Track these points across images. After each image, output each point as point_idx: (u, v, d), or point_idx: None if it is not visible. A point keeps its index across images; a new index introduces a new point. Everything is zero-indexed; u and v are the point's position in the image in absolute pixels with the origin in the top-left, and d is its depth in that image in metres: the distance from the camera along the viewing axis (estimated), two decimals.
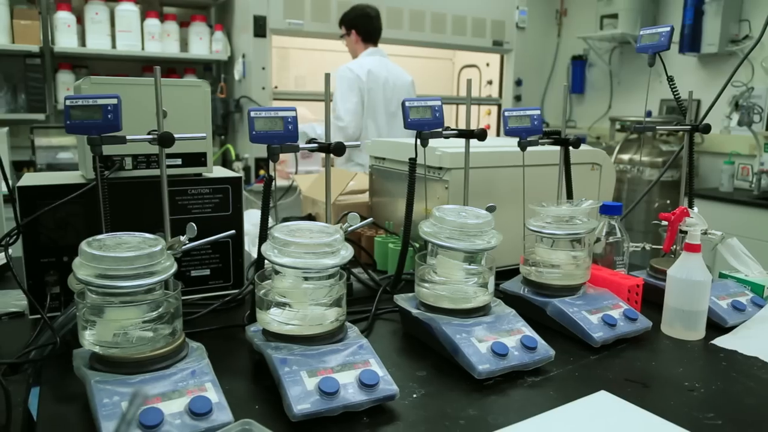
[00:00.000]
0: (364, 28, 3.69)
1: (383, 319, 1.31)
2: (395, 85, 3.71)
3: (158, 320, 0.90)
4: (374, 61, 3.67)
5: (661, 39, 1.40)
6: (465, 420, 0.89)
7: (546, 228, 1.27)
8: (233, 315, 1.33)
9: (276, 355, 0.92)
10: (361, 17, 3.69)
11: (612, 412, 0.92)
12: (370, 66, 3.62)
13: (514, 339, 1.07)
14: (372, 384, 0.89)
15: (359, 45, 3.72)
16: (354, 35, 3.70)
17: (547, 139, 1.37)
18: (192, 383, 0.85)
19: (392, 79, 3.70)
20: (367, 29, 3.69)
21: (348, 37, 3.73)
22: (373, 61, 3.66)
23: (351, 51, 3.80)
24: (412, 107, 1.17)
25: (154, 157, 1.30)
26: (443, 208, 1.14)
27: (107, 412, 0.78)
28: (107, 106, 0.93)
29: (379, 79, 3.63)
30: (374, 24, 3.71)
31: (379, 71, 3.64)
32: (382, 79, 3.65)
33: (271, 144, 1.00)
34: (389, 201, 1.79)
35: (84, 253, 0.86)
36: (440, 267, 1.13)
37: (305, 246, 0.94)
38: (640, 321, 1.23)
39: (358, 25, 3.68)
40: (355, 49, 3.75)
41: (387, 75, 3.69)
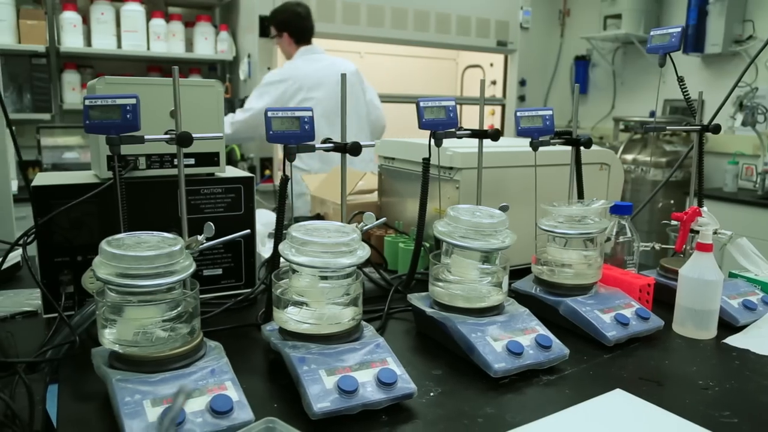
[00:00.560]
0: (296, 29, 3.51)
1: (396, 319, 1.32)
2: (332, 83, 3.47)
3: (177, 319, 0.91)
4: (306, 62, 3.49)
5: (671, 39, 1.41)
6: (483, 418, 0.90)
7: (558, 227, 1.28)
8: (245, 314, 1.33)
9: (294, 353, 0.92)
10: (292, 18, 3.51)
11: (629, 410, 0.92)
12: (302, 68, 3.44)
13: (529, 338, 1.08)
14: (390, 382, 0.90)
15: (292, 47, 3.55)
16: (287, 38, 3.53)
17: (558, 140, 1.37)
18: (212, 382, 0.86)
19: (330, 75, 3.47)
20: (299, 30, 3.51)
21: (280, 38, 3.56)
22: (304, 62, 3.48)
23: (284, 53, 3.62)
24: (426, 107, 1.17)
25: (168, 157, 1.30)
26: (457, 208, 1.15)
27: (129, 410, 0.79)
28: (126, 106, 0.94)
29: (310, 79, 3.43)
30: (306, 23, 3.53)
31: (312, 71, 3.45)
32: (314, 79, 3.44)
33: (287, 144, 1.01)
34: (398, 201, 1.80)
35: (104, 252, 0.87)
36: (455, 266, 1.13)
37: (323, 245, 0.94)
38: (653, 320, 1.23)
39: (290, 26, 3.51)
40: (289, 50, 3.58)
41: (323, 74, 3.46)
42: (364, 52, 4.86)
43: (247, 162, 3.93)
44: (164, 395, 0.82)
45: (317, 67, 3.46)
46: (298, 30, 3.52)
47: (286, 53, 3.61)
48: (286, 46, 3.58)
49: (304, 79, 3.42)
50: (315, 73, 3.44)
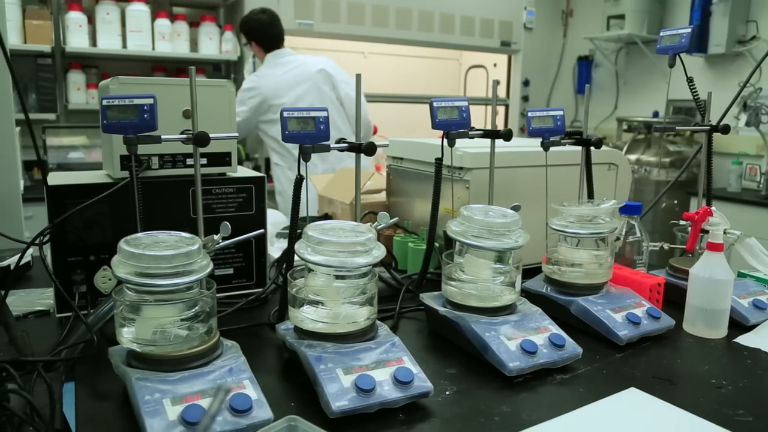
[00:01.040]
0: (261, 35, 3.48)
1: (407, 318, 1.32)
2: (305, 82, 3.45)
3: (194, 318, 0.91)
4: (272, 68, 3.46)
5: (681, 40, 1.41)
6: (500, 416, 0.90)
7: (569, 227, 1.28)
8: (257, 314, 1.34)
9: (311, 352, 0.93)
10: (256, 25, 3.47)
11: (645, 409, 0.93)
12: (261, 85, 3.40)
13: (542, 337, 1.08)
14: (407, 381, 0.90)
15: (261, 54, 3.53)
16: (255, 46, 3.52)
17: (569, 140, 1.37)
18: (230, 381, 0.86)
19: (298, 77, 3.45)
20: (264, 37, 3.48)
21: (251, 46, 3.56)
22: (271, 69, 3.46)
23: (259, 57, 3.61)
24: (440, 108, 1.18)
25: (180, 157, 1.31)
26: (470, 207, 1.15)
27: (150, 409, 0.79)
28: (143, 106, 0.94)
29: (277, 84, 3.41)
30: (270, 30, 3.48)
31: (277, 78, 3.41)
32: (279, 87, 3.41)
33: (303, 144, 1.01)
34: (407, 201, 1.80)
35: (123, 251, 0.87)
36: (468, 266, 1.14)
37: (339, 245, 0.95)
38: (664, 319, 1.24)
39: (256, 34, 3.49)
40: (260, 57, 3.57)
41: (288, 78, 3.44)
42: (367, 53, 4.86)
43: (251, 162, 3.93)
44: (183, 394, 0.82)
45: (283, 71, 3.43)
46: (263, 37, 3.47)
47: (260, 58, 3.58)
48: (257, 53, 3.56)
49: (267, 89, 3.39)
50: (280, 79, 3.41)
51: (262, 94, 3.38)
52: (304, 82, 3.43)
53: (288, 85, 3.42)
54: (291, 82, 3.42)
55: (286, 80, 3.42)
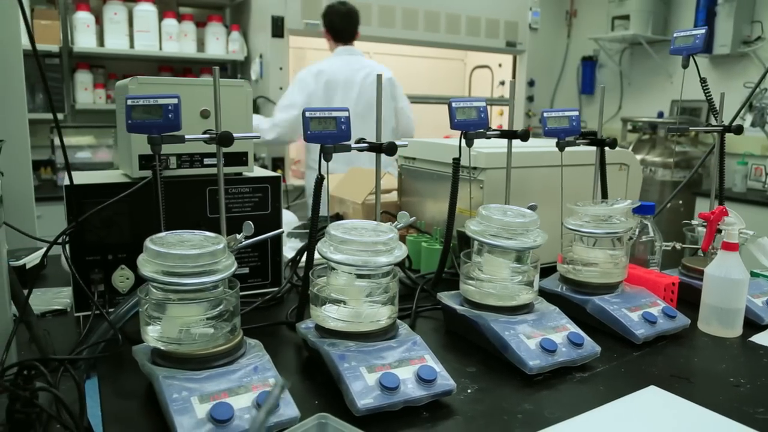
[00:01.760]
0: (333, 26, 3.57)
1: (423, 317, 1.33)
2: (363, 85, 3.53)
3: (219, 317, 0.92)
4: (338, 63, 3.52)
5: (695, 41, 1.42)
6: (522, 414, 0.91)
7: (584, 227, 1.29)
8: (273, 313, 1.34)
9: (334, 351, 0.94)
10: (330, 15, 3.57)
11: (666, 407, 0.93)
12: (329, 68, 3.48)
13: (561, 335, 1.09)
14: (430, 379, 0.91)
15: (331, 44, 3.61)
16: (326, 33, 3.60)
17: (583, 140, 1.38)
18: (256, 379, 0.87)
19: (358, 80, 3.52)
20: (336, 28, 3.56)
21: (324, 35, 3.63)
22: (335, 63, 3.52)
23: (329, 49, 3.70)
24: (458, 108, 1.18)
25: (198, 156, 1.31)
26: (489, 207, 1.16)
27: (178, 407, 0.80)
28: (168, 106, 0.95)
29: (337, 80, 3.47)
30: (343, 22, 3.57)
31: (339, 72, 3.48)
32: (341, 81, 3.48)
33: (324, 144, 1.02)
34: (419, 200, 1.81)
35: (149, 250, 0.88)
36: (487, 265, 1.14)
37: (362, 244, 0.95)
38: (679, 318, 1.25)
39: (329, 23, 3.57)
40: (330, 47, 3.65)
41: (350, 75, 3.52)
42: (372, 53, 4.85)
43: (258, 162, 3.94)
44: (210, 392, 0.83)
45: (351, 68, 3.52)
46: (335, 27, 3.57)
47: (329, 49, 3.67)
48: (327, 42, 3.64)
49: (335, 76, 3.47)
50: (346, 73, 3.50)
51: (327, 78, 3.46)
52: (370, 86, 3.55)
53: (355, 81, 3.52)
54: (357, 80, 3.52)
55: (356, 77, 3.52)
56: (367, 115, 3.50)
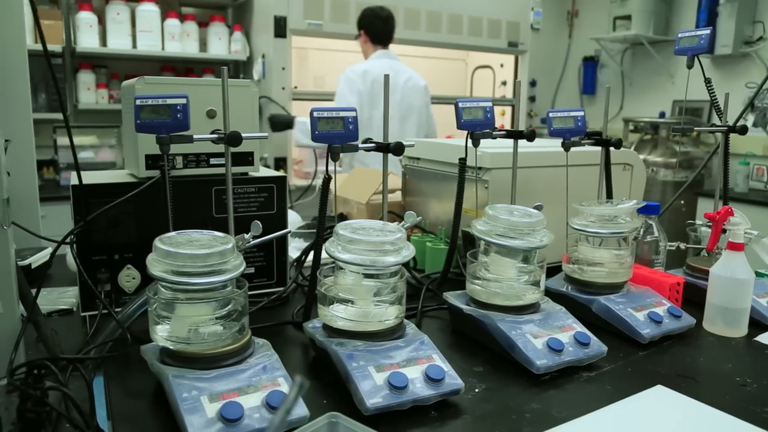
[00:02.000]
0: (372, 29, 3.63)
1: (428, 317, 1.33)
2: (405, 89, 3.64)
3: (227, 317, 0.92)
4: (380, 64, 3.60)
5: (700, 41, 1.42)
6: (530, 413, 0.91)
7: (590, 227, 1.29)
8: (278, 312, 1.35)
9: (342, 350, 0.94)
10: (370, 18, 3.64)
11: (673, 406, 0.94)
12: (374, 69, 3.55)
13: (567, 335, 1.09)
14: (438, 379, 0.91)
15: (368, 46, 3.67)
16: (363, 36, 3.66)
17: (589, 140, 1.38)
18: (265, 378, 0.87)
19: (400, 83, 3.63)
20: (375, 31, 3.63)
21: (359, 37, 3.70)
22: (378, 64, 3.60)
23: (363, 52, 3.77)
24: (465, 108, 1.19)
25: (204, 156, 1.32)
26: (495, 207, 1.16)
27: (188, 406, 0.80)
28: (176, 106, 0.95)
29: (375, 84, 3.55)
30: (383, 26, 3.65)
31: (369, 76, 3.55)
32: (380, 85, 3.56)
33: (332, 144, 1.02)
34: (423, 200, 1.81)
35: (158, 249, 0.88)
36: (493, 265, 1.15)
37: (370, 244, 0.95)
38: (685, 318, 1.25)
39: (368, 26, 3.64)
40: (365, 50, 3.71)
41: (394, 78, 3.60)
42: None
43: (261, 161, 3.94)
44: (220, 391, 0.83)
45: (393, 70, 3.59)
46: (374, 32, 3.64)
47: (364, 52, 3.74)
48: (362, 44, 3.70)
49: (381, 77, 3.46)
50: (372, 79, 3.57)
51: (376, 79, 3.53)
52: (414, 90, 3.68)
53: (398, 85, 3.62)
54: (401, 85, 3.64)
55: (395, 79, 3.61)
56: (407, 117, 3.64)
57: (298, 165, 4.23)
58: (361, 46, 3.74)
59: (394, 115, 3.63)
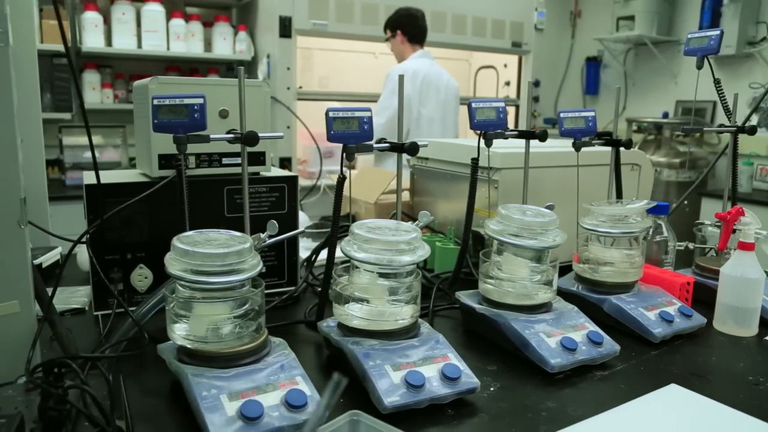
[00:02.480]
0: (410, 28, 3.65)
1: (439, 316, 1.34)
2: (447, 88, 3.69)
3: (245, 316, 0.93)
4: (423, 64, 3.64)
5: (710, 42, 1.43)
6: (546, 412, 0.92)
7: (600, 227, 1.29)
8: (289, 312, 1.35)
9: (358, 349, 0.94)
10: (406, 18, 3.66)
11: (688, 405, 0.94)
12: (420, 68, 3.58)
13: (580, 334, 1.09)
14: (455, 377, 0.92)
15: (406, 46, 3.68)
16: (400, 36, 3.66)
17: (599, 140, 1.39)
18: (283, 377, 0.87)
19: (443, 82, 3.68)
20: (413, 30, 3.65)
21: (393, 38, 3.69)
22: (422, 64, 3.63)
23: (397, 53, 3.76)
24: (478, 108, 1.19)
25: (216, 156, 1.32)
26: (509, 207, 1.17)
27: (208, 404, 0.80)
28: (194, 106, 0.96)
29: (430, 82, 3.61)
30: (420, 25, 3.68)
31: (429, 74, 3.62)
32: (433, 83, 3.62)
33: (347, 144, 1.02)
34: (431, 200, 1.82)
35: (176, 248, 0.88)
36: (506, 264, 1.15)
37: (387, 243, 0.96)
38: (695, 317, 1.25)
39: (405, 25, 3.65)
40: (402, 50, 3.71)
41: (438, 78, 3.67)
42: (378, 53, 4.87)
43: None
44: (239, 390, 0.83)
45: (435, 71, 3.66)
46: (412, 31, 3.67)
47: (399, 53, 3.74)
48: (398, 45, 3.70)
49: (429, 76, 3.60)
50: (433, 75, 3.63)
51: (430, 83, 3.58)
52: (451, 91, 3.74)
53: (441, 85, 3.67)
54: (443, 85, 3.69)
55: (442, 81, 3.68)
56: (446, 117, 3.70)
57: (302, 165, 4.24)
58: (397, 47, 3.73)
59: (437, 114, 3.67)
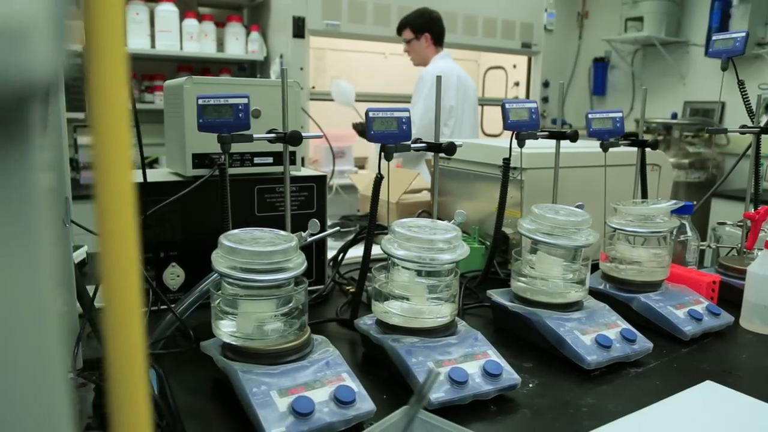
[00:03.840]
0: (436, 30, 3.63)
1: (469, 314, 1.35)
2: (472, 89, 3.74)
3: (289, 314, 0.94)
4: (452, 65, 3.66)
5: (735, 44, 1.44)
6: (587, 407, 0.93)
7: (628, 226, 1.31)
8: (319, 311, 1.36)
9: (400, 346, 0.96)
10: (432, 20, 3.64)
11: (724, 400, 0.96)
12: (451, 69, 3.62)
13: (614, 332, 1.11)
14: (497, 374, 0.93)
15: (431, 49, 3.66)
16: (428, 39, 3.63)
17: (626, 141, 1.40)
18: (329, 374, 0.89)
19: (470, 83, 3.73)
20: (438, 32, 3.64)
21: (417, 41, 3.64)
22: (451, 65, 3.66)
23: (420, 56, 3.71)
24: (511, 109, 1.21)
25: (248, 156, 1.34)
26: (542, 206, 1.18)
27: (260, 400, 0.82)
28: (238, 106, 0.97)
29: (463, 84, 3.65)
30: (443, 26, 3.68)
31: (461, 76, 3.66)
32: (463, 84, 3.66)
33: (386, 143, 1.04)
34: (453, 200, 1.83)
35: (223, 246, 0.90)
36: (539, 263, 1.17)
37: (427, 242, 0.97)
38: (723, 316, 1.27)
39: (432, 28, 3.62)
40: (427, 53, 3.68)
41: (466, 80, 3.72)
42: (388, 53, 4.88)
43: None
44: (288, 386, 0.84)
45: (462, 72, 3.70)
46: (437, 30, 3.66)
47: (422, 55, 3.70)
48: (423, 49, 3.67)
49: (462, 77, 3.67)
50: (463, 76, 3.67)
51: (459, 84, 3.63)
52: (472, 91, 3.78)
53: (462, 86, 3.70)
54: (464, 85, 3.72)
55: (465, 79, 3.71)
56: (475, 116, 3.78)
57: (314, 164, 4.25)
58: (421, 50, 3.68)
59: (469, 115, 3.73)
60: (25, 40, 0.20)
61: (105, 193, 0.29)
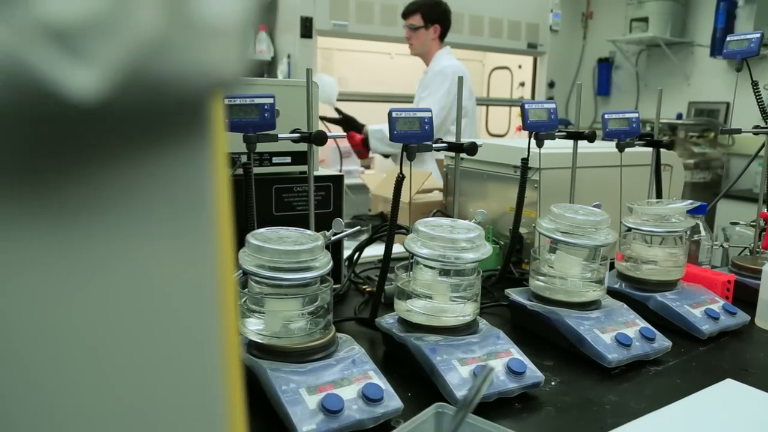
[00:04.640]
0: (446, 24, 3.45)
1: (485, 313, 1.35)
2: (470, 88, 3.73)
3: (314, 313, 0.95)
4: (460, 64, 3.57)
5: (750, 45, 1.45)
6: (610, 405, 0.94)
7: (644, 225, 1.32)
8: (336, 309, 1.37)
9: (424, 344, 0.97)
10: (445, 13, 3.43)
11: (746, 398, 0.96)
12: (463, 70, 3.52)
13: (633, 330, 1.12)
14: (520, 372, 0.94)
15: (435, 42, 3.45)
16: (437, 31, 3.41)
17: (641, 141, 1.41)
18: (356, 371, 0.90)
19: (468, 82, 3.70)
20: (447, 27, 3.47)
21: (425, 30, 3.39)
22: (459, 64, 3.57)
23: (423, 45, 3.46)
24: (531, 109, 1.22)
25: (267, 155, 1.34)
26: (561, 206, 1.19)
27: (289, 398, 0.82)
28: (264, 105, 0.98)
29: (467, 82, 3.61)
30: (450, 22, 3.51)
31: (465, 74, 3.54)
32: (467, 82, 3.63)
33: (409, 144, 1.05)
34: (465, 200, 1.84)
35: (250, 245, 0.91)
36: (558, 262, 1.18)
37: (451, 241, 0.98)
38: (739, 315, 1.28)
39: (443, 20, 3.43)
40: (431, 46, 3.46)
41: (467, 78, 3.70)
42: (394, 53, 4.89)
43: None
44: (317, 384, 0.85)
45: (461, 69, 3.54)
46: (447, 24, 3.48)
47: (426, 46, 3.47)
48: (429, 40, 3.44)
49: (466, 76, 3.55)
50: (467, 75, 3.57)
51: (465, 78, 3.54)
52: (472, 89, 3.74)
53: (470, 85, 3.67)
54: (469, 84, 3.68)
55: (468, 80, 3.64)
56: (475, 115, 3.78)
57: (321, 164, 4.26)
58: (426, 41, 3.44)
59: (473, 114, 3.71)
60: (222, 39, 0.21)
61: None
